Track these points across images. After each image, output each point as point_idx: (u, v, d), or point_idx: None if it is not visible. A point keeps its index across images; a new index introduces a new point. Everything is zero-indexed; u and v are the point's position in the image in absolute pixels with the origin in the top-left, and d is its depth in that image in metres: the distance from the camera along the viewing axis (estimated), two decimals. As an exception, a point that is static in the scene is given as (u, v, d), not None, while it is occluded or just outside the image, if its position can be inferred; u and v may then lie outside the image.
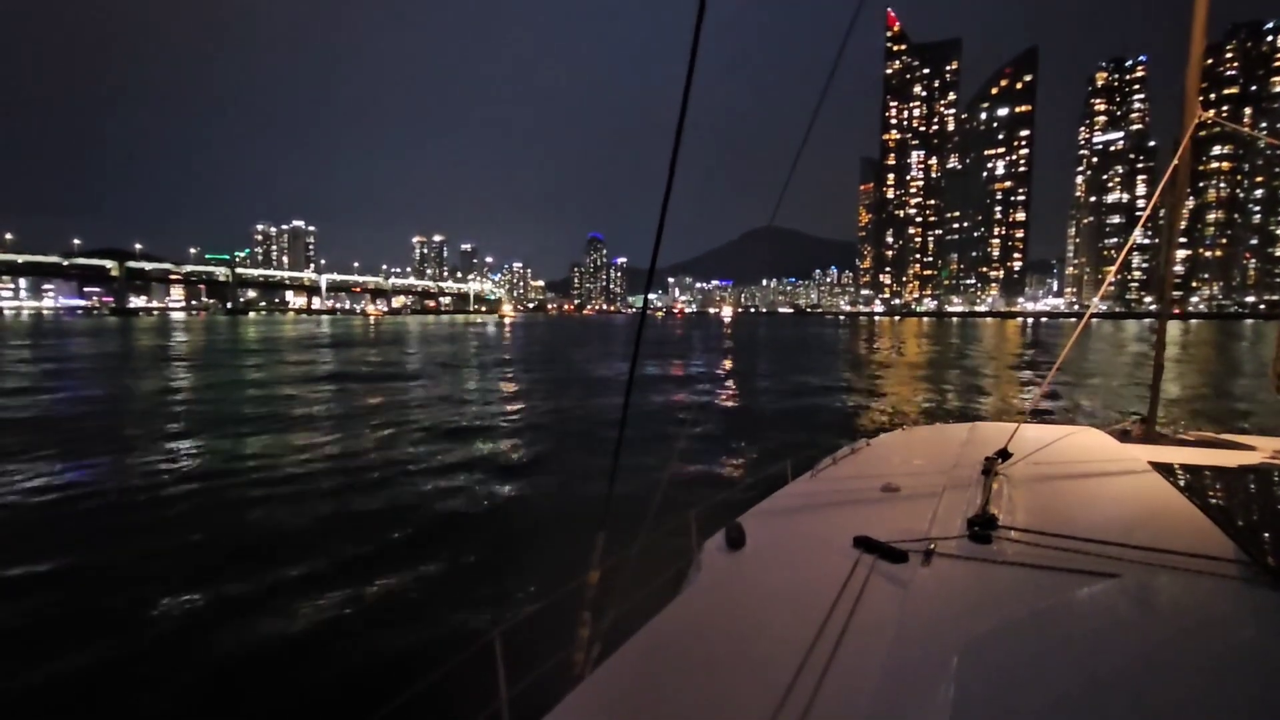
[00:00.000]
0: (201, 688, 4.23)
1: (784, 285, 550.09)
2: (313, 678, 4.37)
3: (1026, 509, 2.66)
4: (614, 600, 2.00)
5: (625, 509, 1.97)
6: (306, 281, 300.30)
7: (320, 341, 50.43)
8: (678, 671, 1.70)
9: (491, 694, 1.63)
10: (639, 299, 22.19)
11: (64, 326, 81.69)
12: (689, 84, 1.58)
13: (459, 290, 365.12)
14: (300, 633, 4.86)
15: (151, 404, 17.16)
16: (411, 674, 4.27)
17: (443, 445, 11.72)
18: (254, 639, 4.76)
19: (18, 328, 73.63)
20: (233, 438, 12.34)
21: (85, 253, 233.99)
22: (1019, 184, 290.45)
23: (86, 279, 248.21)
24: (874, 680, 1.54)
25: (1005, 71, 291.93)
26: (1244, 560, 1.94)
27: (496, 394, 19.70)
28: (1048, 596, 1.76)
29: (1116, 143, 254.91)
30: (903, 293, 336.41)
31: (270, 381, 22.49)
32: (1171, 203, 4.83)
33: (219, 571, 5.89)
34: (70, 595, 5.48)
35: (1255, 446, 3.76)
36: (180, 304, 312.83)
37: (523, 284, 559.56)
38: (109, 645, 4.67)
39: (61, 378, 23.03)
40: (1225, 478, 3.03)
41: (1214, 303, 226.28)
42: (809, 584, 2.10)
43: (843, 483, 3.34)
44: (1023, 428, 3.92)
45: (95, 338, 53.40)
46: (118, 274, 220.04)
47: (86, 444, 11.46)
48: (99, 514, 7.65)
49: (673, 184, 1.72)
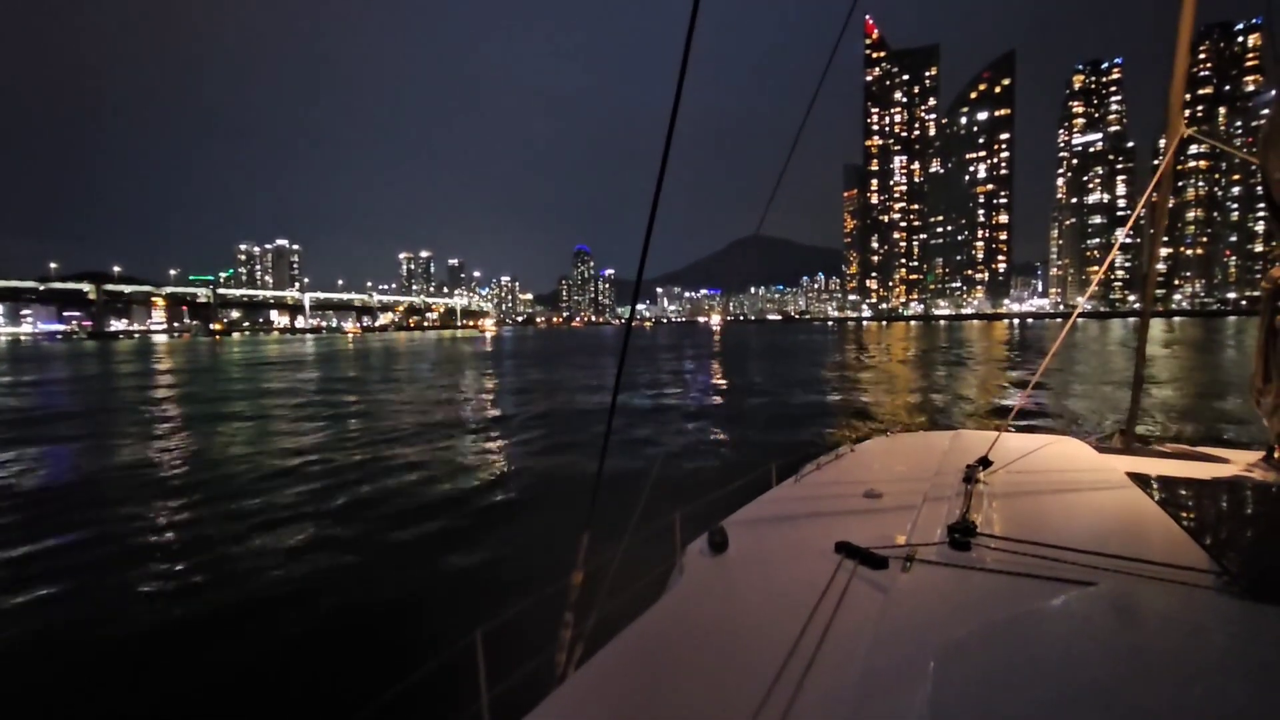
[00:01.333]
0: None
1: (772, 292, 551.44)
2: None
3: (1006, 517, 2.70)
4: (597, 602, 2.00)
5: (609, 511, 1.95)
6: (290, 300, 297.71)
7: (273, 363, 48.56)
8: (659, 673, 1.71)
9: (473, 694, 1.62)
10: (628, 309, 21.96)
11: (23, 353, 79.12)
12: (678, 98, 1.56)
13: (445, 305, 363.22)
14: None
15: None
16: (392, 674, 4.28)
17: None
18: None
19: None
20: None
21: (64, 276, 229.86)
22: (1001, 187, 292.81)
23: (65, 303, 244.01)
24: (853, 683, 1.55)
25: (984, 76, 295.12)
26: (1216, 571, 1.98)
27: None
28: (1025, 603, 1.77)
29: (1095, 144, 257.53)
30: (890, 297, 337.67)
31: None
32: (1148, 211, 4.92)
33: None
34: None
35: (1230, 459, 3.82)
36: (162, 326, 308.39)
37: (511, 297, 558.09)
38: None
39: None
40: (1200, 490, 3.09)
41: (1196, 300, 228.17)
42: (790, 588, 2.12)
43: (826, 488, 3.39)
44: (1004, 436, 3.99)
45: (40, 362, 51.38)
46: (95, 297, 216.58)
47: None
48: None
49: (659, 196, 1.73)
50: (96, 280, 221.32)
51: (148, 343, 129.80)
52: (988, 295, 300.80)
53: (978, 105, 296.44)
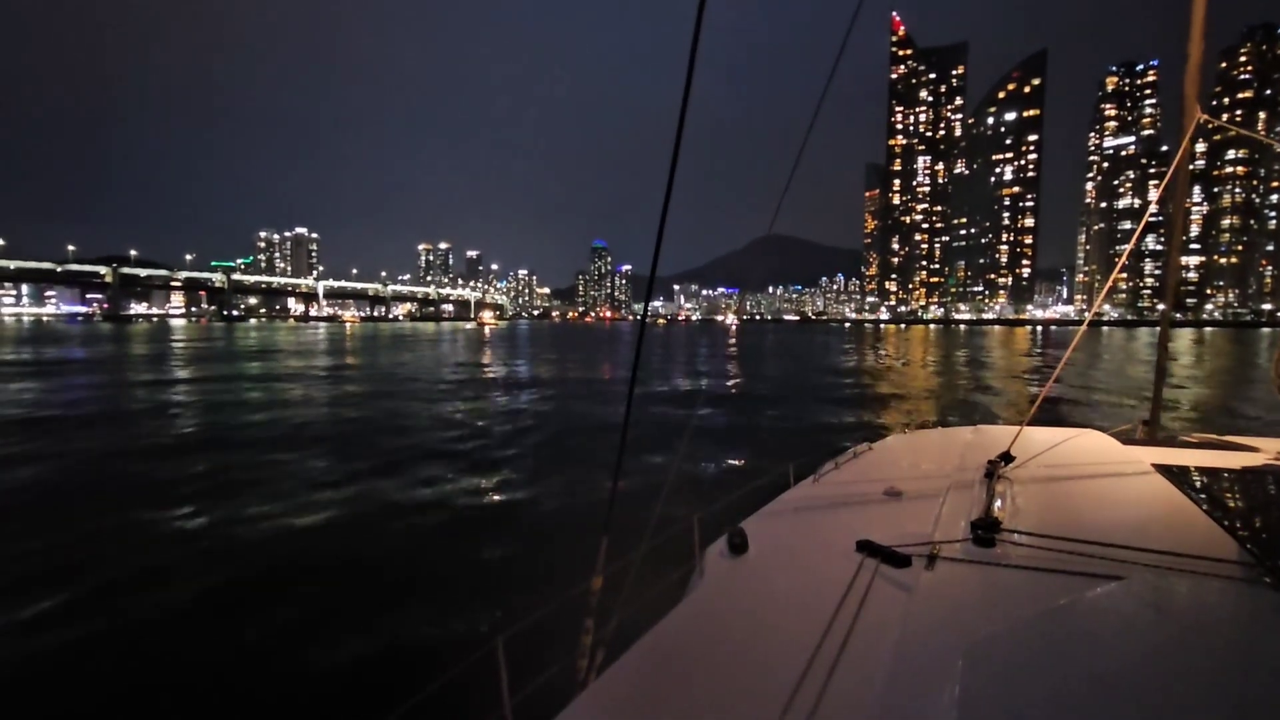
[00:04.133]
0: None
1: (790, 292, 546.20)
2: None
3: (1030, 512, 2.66)
4: (617, 606, 1.98)
5: (627, 515, 1.92)
6: (304, 288, 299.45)
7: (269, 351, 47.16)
8: (681, 677, 1.69)
9: (495, 701, 1.61)
10: (644, 306, 20.46)
11: (39, 333, 78.96)
12: (687, 91, 1.56)
13: (459, 297, 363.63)
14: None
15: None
16: (414, 681, 4.26)
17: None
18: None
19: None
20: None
21: (84, 259, 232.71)
22: (1027, 190, 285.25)
23: (85, 285, 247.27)
24: (878, 684, 1.53)
25: (1013, 75, 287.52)
26: (1248, 562, 1.94)
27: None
28: (1052, 599, 1.75)
29: (1127, 148, 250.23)
30: (909, 300, 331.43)
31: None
32: (1173, 206, 4.94)
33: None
34: None
35: (1258, 448, 3.74)
36: (180, 311, 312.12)
37: (529, 291, 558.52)
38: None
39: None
40: (1228, 479, 3.02)
41: (1229, 310, 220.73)
42: (812, 589, 2.09)
43: (845, 486, 3.33)
44: (1025, 430, 3.92)
45: (33, 344, 50.39)
46: (111, 280, 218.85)
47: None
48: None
49: (672, 191, 1.72)
50: (114, 264, 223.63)
51: (163, 327, 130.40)
52: (1010, 300, 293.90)
53: (1006, 105, 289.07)
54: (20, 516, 7.79)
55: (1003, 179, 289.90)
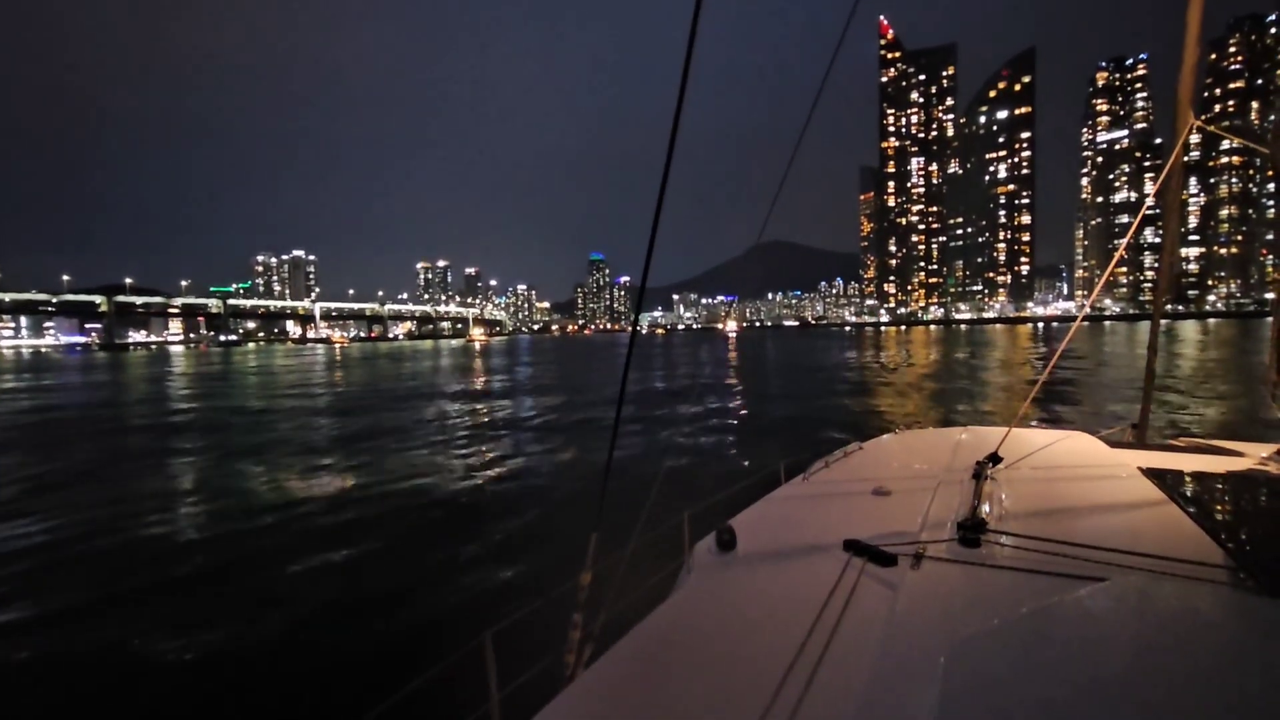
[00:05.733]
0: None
1: (789, 298, 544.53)
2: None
3: (1016, 513, 2.67)
4: (606, 601, 1.99)
5: (617, 511, 1.92)
6: (300, 311, 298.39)
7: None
8: (668, 672, 1.70)
9: (482, 695, 1.61)
10: (645, 317, 21.07)
11: (21, 364, 77.80)
12: (680, 100, 1.56)
13: (456, 314, 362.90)
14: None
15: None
16: (402, 674, 4.31)
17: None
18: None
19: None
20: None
21: (80, 289, 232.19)
22: (1022, 187, 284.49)
23: (80, 315, 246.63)
24: (862, 682, 1.54)
25: (1003, 73, 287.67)
26: (1230, 566, 1.95)
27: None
28: (1036, 600, 1.75)
29: (1121, 141, 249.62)
30: (908, 301, 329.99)
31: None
32: (1168, 205, 4.96)
33: None
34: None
35: (1243, 453, 3.73)
36: (179, 337, 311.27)
37: (528, 306, 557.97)
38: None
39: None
40: (1213, 484, 3.03)
41: (1231, 301, 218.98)
42: (799, 586, 2.11)
43: (834, 485, 3.36)
44: (1014, 432, 3.93)
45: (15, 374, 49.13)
46: (107, 309, 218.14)
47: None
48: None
49: (663, 201, 1.72)
50: (110, 293, 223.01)
51: (161, 353, 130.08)
52: (1010, 298, 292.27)
53: (997, 104, 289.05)
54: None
55: (997, 177, 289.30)
